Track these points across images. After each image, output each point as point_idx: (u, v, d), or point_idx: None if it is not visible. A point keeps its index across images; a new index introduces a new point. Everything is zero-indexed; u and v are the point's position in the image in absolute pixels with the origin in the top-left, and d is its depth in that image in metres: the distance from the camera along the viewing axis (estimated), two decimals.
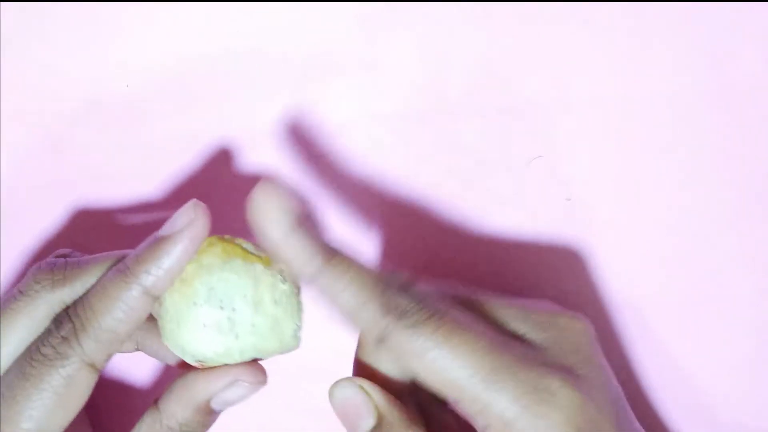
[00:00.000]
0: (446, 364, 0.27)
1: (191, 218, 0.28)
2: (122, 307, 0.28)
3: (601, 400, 0.28)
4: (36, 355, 0.29)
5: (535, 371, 0.27)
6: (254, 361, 0.30)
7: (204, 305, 0.28)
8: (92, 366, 0.29)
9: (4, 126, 0.36)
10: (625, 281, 0.36)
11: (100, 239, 0.36)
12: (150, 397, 0.37)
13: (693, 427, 0.36)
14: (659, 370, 0.36)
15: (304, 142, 0.36)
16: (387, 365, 0.30)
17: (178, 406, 0.30)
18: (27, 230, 0.37)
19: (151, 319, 0.30)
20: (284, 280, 0.29)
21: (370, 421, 0.29)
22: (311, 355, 0.36)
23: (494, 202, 0.36)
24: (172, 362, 0.33)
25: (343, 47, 0.35)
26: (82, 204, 0.37)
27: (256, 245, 0.29)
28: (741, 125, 0.35)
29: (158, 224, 0.36)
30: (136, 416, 0.31)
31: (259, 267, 0.29)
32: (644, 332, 0.36)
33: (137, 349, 0.33)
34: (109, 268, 0.30)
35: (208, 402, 0.30)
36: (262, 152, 0.36)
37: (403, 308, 0.27)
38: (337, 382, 0.29)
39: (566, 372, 0.28)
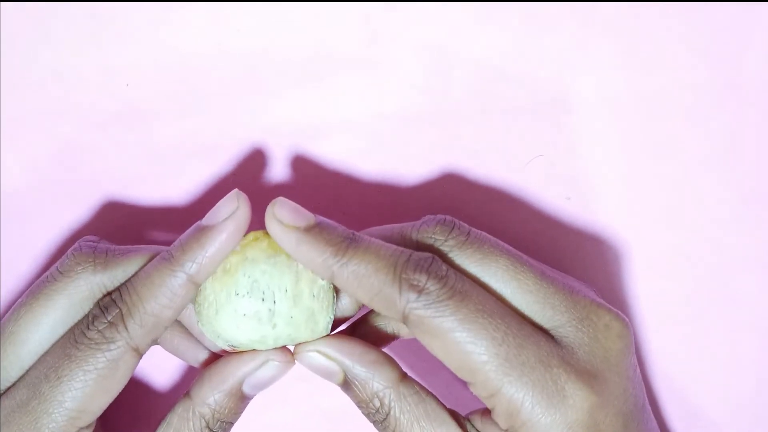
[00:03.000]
0: (462, 347, 0.28)
1: (234, 208, 0.29)
2: (167, 294, 0.29)
3: (615, 409, 0.28)
4: (81, 338, 0.29)
5: (552, 372, 0.28)
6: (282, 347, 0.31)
7: (246, 296, 0.29)
8: (136, 350, 0.30)
9: (5, 126, 0.36)
10: (625, 280, 0.36)
11: (109, 235, 0.36)
12: (161, 395, 0.37)
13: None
14: (660, 370, 0.36)
15: (304, 141, 0.36)
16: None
17: (209, 392, 0.30)
18: (30, 228, 0.37)
19: None
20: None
21: (337, 379, 0.30)
22: None
23: (494, 202, 0.36)
24: (190, 360, 0.33)
25: (344, 47, 0.36)
26: (88, 202, 0.36)
27: None
28: (743, 124, 0.35)
29: (165, 219, 0.36)
30: (145, 414, 0.31)
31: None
32: (645, 331, 0.36)
33: (155, 342, 0.33)
34: (151, 258, 0.31)
35: (239, 385, 0.30)
36: (263, 151, 0.36)
37: (422, 286, 0.28)
38: (296, 352, 0.30)
39: (588, 376, 0.28)
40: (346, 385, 0.30)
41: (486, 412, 0.29)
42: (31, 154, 0.36)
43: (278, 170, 0.36)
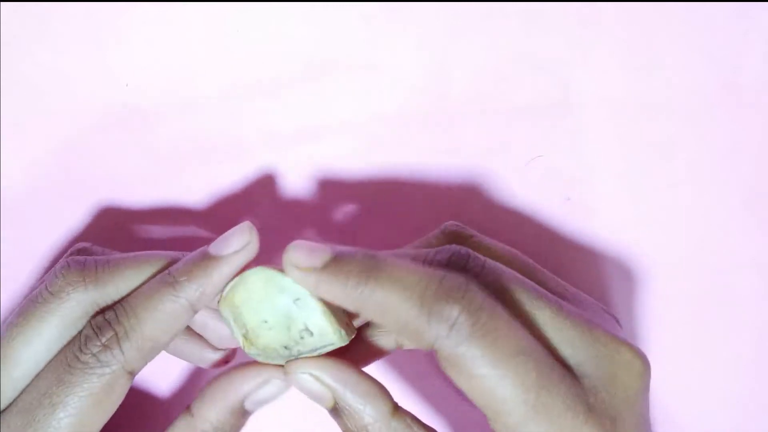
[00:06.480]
0: (490, 390, 0.26)
1: (246, 242, 0.29)
2: (167, 319, 0.29)
3: None
4: (74, 362, 0.29)
5: (578, 419, 0.26)
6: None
7: (276, 327, 0.28)
8: (131, 373, 0.29)
9: (5, 127, 0.36)
10: (624, 280, 0.36)
11: (108, 236, 0.36)
12: (162, 400, 0.37)
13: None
14: (660, 366, 0.36)
15: (304, 141, 0.36)
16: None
17: (212, 409, 0.29)
18: (29, 229, 0.37)
19: None
20: None
21: (327, 404, 0.29)
22: None
23: (494, 202, 0.36)
24: (195, 360, 0.33)
25: (343, 47, 0.36)
26: (87, 203, 0.36)
27: None
28: (742, 125, 0.35)
29: (163, 219, 0.36)
30: (145, 419, 0.31)
31: None
32: (645, 330, 0.36)
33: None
34: (142, 270, 0.30)
35: (242, 402, 0.29)
36: (263, 151, 0.36)
37: (453, 320, 0.26)
38: (288, 372, 0.29)
39: (609, 421, 0.27)
40: (336, 412, 0.29)
41: None
42: (30, 155, 0.36)
43: (277, 170, 0.36)
